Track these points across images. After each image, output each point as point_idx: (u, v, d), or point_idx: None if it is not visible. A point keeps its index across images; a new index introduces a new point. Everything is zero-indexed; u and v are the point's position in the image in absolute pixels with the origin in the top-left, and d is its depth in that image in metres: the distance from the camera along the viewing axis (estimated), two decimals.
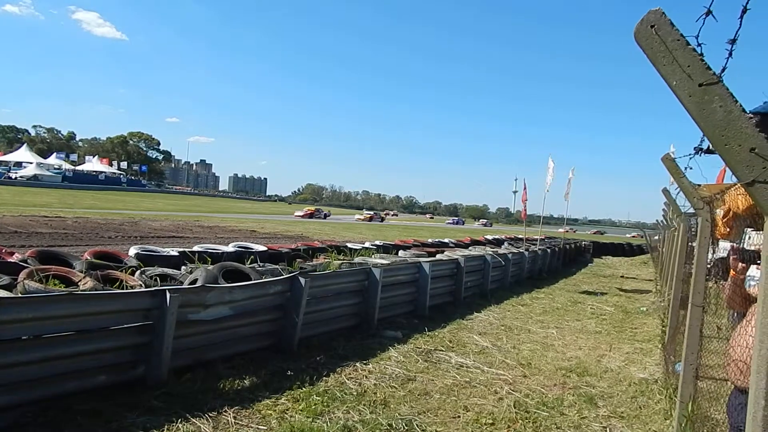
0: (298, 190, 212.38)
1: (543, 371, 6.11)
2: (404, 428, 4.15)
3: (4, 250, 6.83)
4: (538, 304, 10.93)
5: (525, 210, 17.05)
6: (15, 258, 6.38)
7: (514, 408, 4.80)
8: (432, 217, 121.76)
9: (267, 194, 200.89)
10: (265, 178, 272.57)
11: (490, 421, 4.47)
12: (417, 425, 4.23)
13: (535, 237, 20.96)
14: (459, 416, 4.55)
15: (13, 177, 70.16)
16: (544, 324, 8.90)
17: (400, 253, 12.72)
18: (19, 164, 79.61)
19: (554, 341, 7.69)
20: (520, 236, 23.32)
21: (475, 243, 18.95)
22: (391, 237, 19.48)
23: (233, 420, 3.99)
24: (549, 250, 17.77)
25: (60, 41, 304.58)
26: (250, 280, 6.34)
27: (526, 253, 15.01)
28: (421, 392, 5.05)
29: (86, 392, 4.08)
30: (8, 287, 5.05)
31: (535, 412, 4.74)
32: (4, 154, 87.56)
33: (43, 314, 3.90)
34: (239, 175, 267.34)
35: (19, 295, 4.71)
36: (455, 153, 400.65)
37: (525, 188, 16.86)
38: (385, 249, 13.36)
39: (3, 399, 3.67)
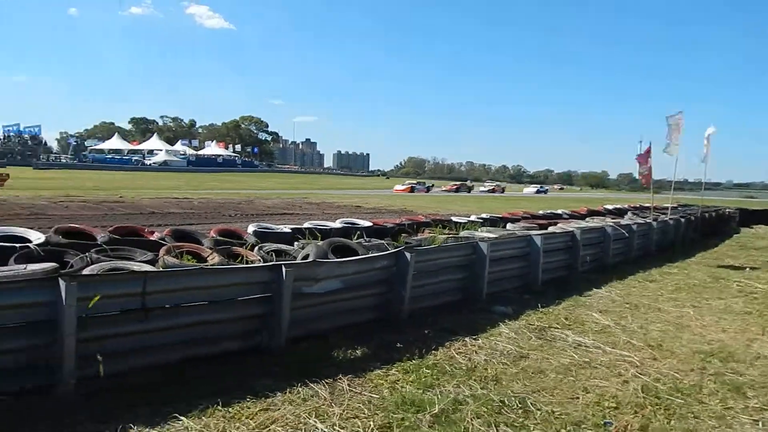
0: (401, 164, 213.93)
1: (676, 354, 5.70)
2: (517, 406, 4.15)
3: (146, 230, 7.76)
4: (669, 280, 10.16)
5: (650, 175, 15.53)
6: (155, 236, 7.25)
7: (642, 392, 4.56)
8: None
9: (370, 169, 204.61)
10: (368, 154, 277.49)
11: (614, 405, 4.31)
12: (531, 403, 4.20)
13: (666, 205, 19.38)
14: (578, 397, 4.43)
15: (148, 163, 78.80)
16: (677, 302, 8.28)
17: (509, 226, 12.43)
18: (151, 152, 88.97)
19: (690, 322, 7.13)
20: (646, 205, 21.69)
21: (593, 213, 17.94)
22: (498, 210, 19.07)
23: (347, 387, 4.26)
24: (683, 220, 16.34)
25: (177, 35, 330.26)
26: (358, 255, 6.62)
27: (654, 223, 13.98)
28: (535, 370, 4.99)
29: (216, 356, 4.55)
30: (151, 262, 5.76)
31: (667, 399, 4.46)
32: (139, 143, 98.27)
33: (181, 286, 4.44)
34: (342, 152, 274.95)
35: (161, 269, 5.35)
36: (569, 118, 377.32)
37: (649, 151, 15.30)
38: (492, 222, 13.12)
39: (149, 359, 4.24)
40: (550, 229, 11.45)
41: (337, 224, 10.27)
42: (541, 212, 16.91)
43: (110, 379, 3.82)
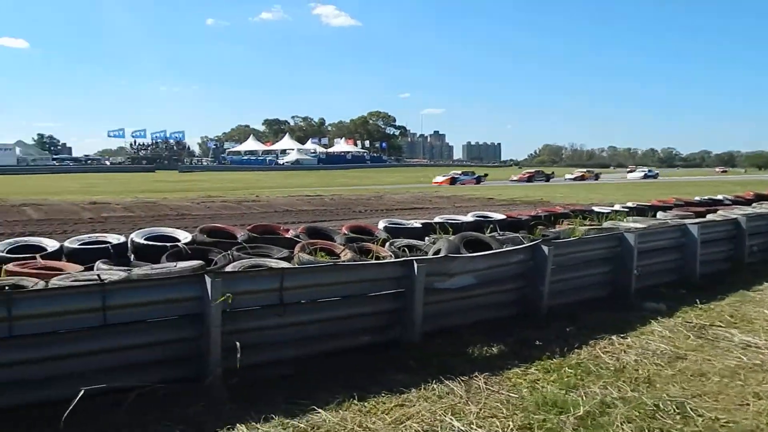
0: (535, 152, 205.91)
1: None
2: (674, 411, 3.83)
3: (281, 227, 8.33)
4: None
5: None
6: (290, 234, 7.74)
7: None
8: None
9: (501, 159, 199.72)
10: (499, 144, 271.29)
11: None
12: (691, 409, 3.85)
13: None
14: (748, 404, 3.98)
15: (281, 163, 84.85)
16: None
17: (659, 214, 11.43)
18: (283, 151, 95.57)
19: None
20: None
21: (762, 198, 15.86)
22: (646, 197, 17.58)
23: (484, 385, 4.22)
24: None
25: (305, 36, 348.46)
26: (491, 249, 6.51)
27: None
28: (695, 373, 4.56)
29: (350, 351, 4.73)
30: (287, 259, 6.15)
31: None
32: (272, 143, 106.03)
33: (316, 282, 4.68)
34: (472, 143, 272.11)
35: (297, 265, 5.72)
36: (728, 93, 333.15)
37: None
38: (639, 211, 12.14)
39: (287, 352, 4.51)
40: (709, 216, 10.37)
41: (468, 218, 10.19)
42: (697, 198, 15.36)
43: (251, 371, 4.10)
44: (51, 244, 6.54)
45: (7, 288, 4.42)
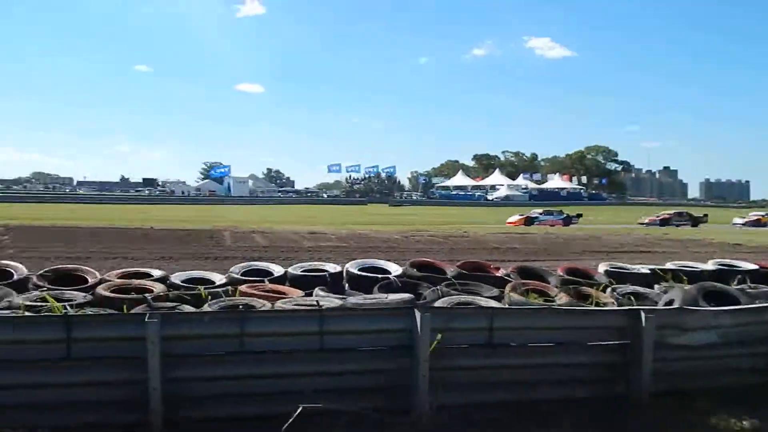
0: None
1: None
2: None
3: (491, 265, 8.35)
4: None
5: None
6: (500, 273, 7.72)
7: None
8: None
9: (751, 199, 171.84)
10: (747, 181, 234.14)
11: None
12: None
13: None
14: None
15: (490, 199, 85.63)
16: None
17: None
18: (493, 187, 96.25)
19: None
20: None
21: None
22: None
23: None
24: None
25: (518, 70, 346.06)
26: (739, 303, 5.68)
27: None
28: None
29: (562, 402, 4.48)
30: (496, 298, 6.15)
31: None
32: (482, 179, 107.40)
33: (527, 324, 4.62)
34: (712, 180, 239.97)
35: (507, 306, 5.68)
36: None
37: None
38: None
39: (493, 396, 4.43)
40: None
41: (709, 266, 9.06)
42: None
43: (458, 410, 4.12)
44: (277, 270, 7.41)
45: (241, 307, 5.24)
